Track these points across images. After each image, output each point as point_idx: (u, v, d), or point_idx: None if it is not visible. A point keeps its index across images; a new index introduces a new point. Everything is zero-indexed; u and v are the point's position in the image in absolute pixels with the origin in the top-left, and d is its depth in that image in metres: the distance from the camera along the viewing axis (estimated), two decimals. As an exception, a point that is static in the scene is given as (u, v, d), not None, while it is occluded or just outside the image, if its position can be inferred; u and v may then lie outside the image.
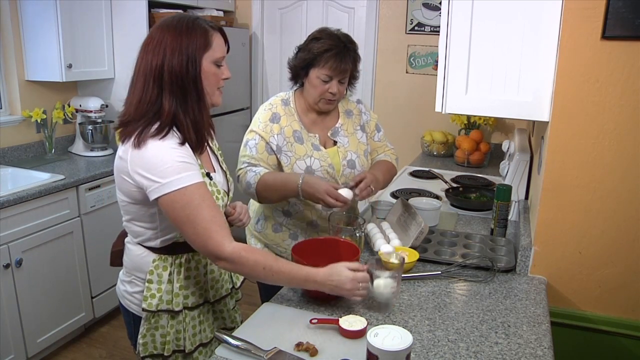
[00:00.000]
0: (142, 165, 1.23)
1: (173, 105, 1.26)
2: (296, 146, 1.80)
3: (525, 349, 1.23)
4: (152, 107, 1.27)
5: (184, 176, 1.23)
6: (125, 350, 2.82)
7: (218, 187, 1.39)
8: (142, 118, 1.27)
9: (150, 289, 1.36)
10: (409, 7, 3.59)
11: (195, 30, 1.28)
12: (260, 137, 1.79)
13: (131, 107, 1.29)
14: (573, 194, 1.52)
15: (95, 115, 3.21)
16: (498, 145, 3.33)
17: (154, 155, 1.23)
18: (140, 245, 1.39)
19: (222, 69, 1.34)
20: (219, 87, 1.36)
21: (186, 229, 1.24)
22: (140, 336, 1.37)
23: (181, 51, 1.25)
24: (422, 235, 1.67)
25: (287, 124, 1.82)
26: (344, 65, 1.74)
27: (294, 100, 1.87)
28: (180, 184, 1.22)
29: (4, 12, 2.91)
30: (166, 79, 1.25)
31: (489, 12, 1.54)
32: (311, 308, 1.39)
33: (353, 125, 1.93)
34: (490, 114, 1.68)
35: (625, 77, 1.41)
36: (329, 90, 1.76)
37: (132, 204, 1.32)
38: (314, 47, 1.74)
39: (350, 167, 1.86)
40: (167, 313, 1.37)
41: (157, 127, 1.25)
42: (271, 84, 4.16)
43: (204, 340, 1.43)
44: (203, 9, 3.65)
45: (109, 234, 2.84)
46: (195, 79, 1.27)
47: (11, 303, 2.43)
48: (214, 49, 1.30)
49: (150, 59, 1.27)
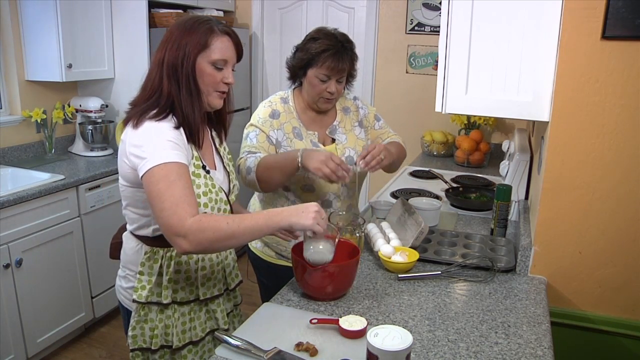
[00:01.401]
0: (134, 142, 1.28)
1: (171, 91, 1.32)
2: (295, 142, 1.81)
3: (525, 349, 1.23)
4: (155, 92, 1.33)
5: (168, 153, 1.25)
6: (125, 350, 2.82)
7: (214, 182, 1.40)
8: (146, 102, 1.33)
9: (142, 281, 1.39)
10: (409, 7, 3.59)
11: (197, 29, 1.32)
12: (260, 130, 1.80)
13: (139, 92, 1.37)
14: (573, 194, 1.53)
15: (95, 115, 3.21)
16: (498, 145, 3.33)
17: (146, 132, 1.28)
18: (134, 236, 1.42)
19: (223, 72, 1.36)
20: (218, 90, 1.37)
21: (155, 203, 1.22)
22: (130, 328, 1.40)
23: (179, 46, 1.31)
24: (422, 235, 1.67)
25: (287, 121, 1.82)
26: (341, 65, 1.74)
27: (293, 99, 1.87)
28: (162, 159, 1.24)
29: (4, 12, 2.91)
30: (165, 69, 1.32)
31: (489, 12, 1.54)
32: (311, 308, 1.39)
33: (351, 122, 1.94)
34: (490, 114, 1.68)
35: (625, 77, 1.41)
36: (327, 89, 1.77)
37: (129, 187, 1.36)
38: (312, 47, 1.75)
39: (349, 163, 1.87)
40: (156, 305, 1.39)
41: (156, 111, 1.31)
42: (271, 83, 4.16)
43: (194, 338, 1.43)
44: (203, 9, 3.65)
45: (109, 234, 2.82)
46: (188, 75, 1.31)
47: (11, 303, 2.44)
48: (211, 50, 1.32)
49: (157, 52, 1.35)
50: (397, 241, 1.68)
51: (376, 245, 1.66)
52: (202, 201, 1.34)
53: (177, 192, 1.22)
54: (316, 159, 1.59)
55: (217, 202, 1.39)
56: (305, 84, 1.81)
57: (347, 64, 1.76)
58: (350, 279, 1.44)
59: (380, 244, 1.65)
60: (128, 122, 1.32)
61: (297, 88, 1.90)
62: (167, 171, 1.23)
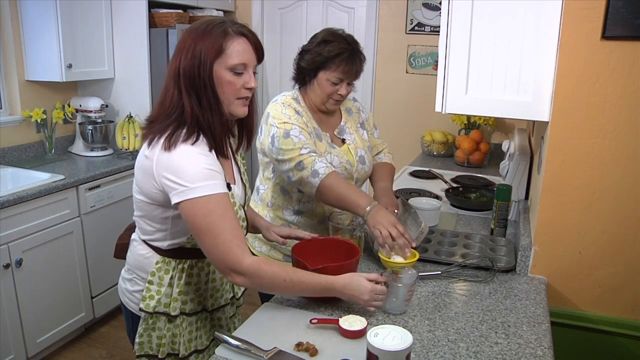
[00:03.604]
0: (169, 168, 1.22)
1: (194, 107, 1.25)
2: (317, 143, 1.79)
3: (525, 349, 1.23)
4: (175, 108, 1.26)
5: (211, 184, 1.21)
6: (125, 350, 2.82)
7: (235, 199, 1.35)
8: (168, 118, 1.26)
9: (150, 290, 1.36)
10: (409, 7, 3.59)
11: (210, 34, 1.24)
12: (297, 126, 1.72)
13: (157, 107, 1.30)
14: (573, 194, 1.52)
15: (95, 115, 3.21)
16: (498, 145, 3.33)
17: (182, 159, 1.21)
18: (145, 244, 1.38)
19: (244, 77, 1.28)
20: (240, 97, 1.29)
21: (205, 239, 1.22)
22: (138, 335, 1.38)
23: (194, 54, 1.23)
24: (422, 235, 1.66)
25: (308, 120, 1.80)
26: (355, 69, 1.75)
27: (302, 99, 1.86)
28: (206, 191, 1.20)
29: (4, 12, 2.91)
30: (181, 80, 1.25)
31: (489, 12, 1.54)
32: (311, 308, 1.39)
33: (354, 123, 1.95)
34: (490, 114, 1.68)
35: (625, 77, 1.41)
36: (339, 92, 1.77)
37: (149, 203, 1.30)
38: (325, 50, 1.73)
39: (362, 163, 1.88)
40: (164, 316, 1.37)
41: (187, 132, 1.24)
42: (271, 84, 4.16)
43: (199, 346, 1.43)
44: (203, 9, 3.65)
45: (109, 234, 2.85)
46: (206, 84, 1.24)
47: (11, 303, 2.44)
48: (228, 55, 1.24)
49: (172, 60, 1.28)
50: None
51: (376, 245, 1.66)
52: None
53: (227, 226, 1.21)
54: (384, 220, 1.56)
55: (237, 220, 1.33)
56: (315, 86, 1.79)
57: (359, 66, 1.77)
58: (350, 279, 1.44)
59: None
60: (154, 140, 1.25)
61: (303, 88, 1.87)
62: (213, 205, 1.20)
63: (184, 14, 3.44)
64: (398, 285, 1.35)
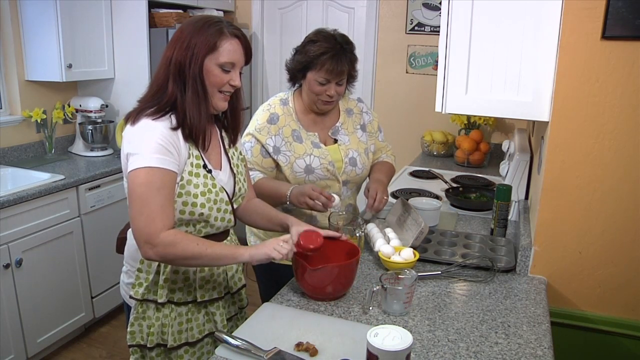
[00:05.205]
0: (128, 138, 1.30)
1: (175, 91, 1.32)
2: (295, 145, 1.81)
3: (525, 349, 1.23)
4: (159, 91, 1.33)
5: (159, 158, 1.26)
6: (125, 350, 2.82)
7: (215, 181, 1.39)
8: (151, 100, 1.34)
9: (139, 278, 1.40)
10: (409, 7, 3.59)
11: (207, 30, 1.31)
12: (256, 140, 1.81)
13: (147, 89, 1.39)
14: (573, 194, 1.52)
15: (95, 115, 3.21)
16: (498, 145, 3.33)
17: (140, 130, 1.29)
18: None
19: (230, 74, 1.35)
20: (221, 91, 1.36)
21: (134, 206, 1.26)
22: (129, 325, 1.41)
23: (188, 46, 1.31)
24: (422, 235, 1.67)
25: (286, 124, 1.82)
26: (340, 68, 1.73)
27: (293, 101, 1.87)
28: (150, 162, 1.25)
29: (4, 12, 2.91)
30: (172, 68, 1.32)
31: (489, 12, 1.54)
32: (311, 308, 1.39)
33: (353, 125, 1.94)
34: (490, 114, 1.68)
35: (625, 77, 1.41)
36: (327, 92, 1.77)
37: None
38: (310, 49, 1.74)
39: (352, 164, 1.87)
40: (152, 303, 1.40)
41: (155, 109, 1.31)
42: (271, 84, 4.16)
43: (190, 339, 1.43)
44: (203, 9, 3.65)
45: (109, 233, 2.84)
46: (195, 76, 1.31)
47: (11, 303, 2.44)
48: (220, 53, 1.32)
49: (167, 49, 1.35)
50: (397, 241, 1.68)
51: (376, 245, 1.66)
52: (199, 201, 1.34)
53: (158, 201, 1.25)
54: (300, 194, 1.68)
55: (217, 202, 1.38)
56: (305, 87, 1.81)
57: (346, 66, 1.75)
58: (350, 279, 1.44)
59: (380, 244, 1.65)
60: (128, 118, 1.34)
61: (298, 89, 1.89)
62: (152, 177, 1.25)
63: (184, 14, 3.44)
64: (397, 288, 1.35)
